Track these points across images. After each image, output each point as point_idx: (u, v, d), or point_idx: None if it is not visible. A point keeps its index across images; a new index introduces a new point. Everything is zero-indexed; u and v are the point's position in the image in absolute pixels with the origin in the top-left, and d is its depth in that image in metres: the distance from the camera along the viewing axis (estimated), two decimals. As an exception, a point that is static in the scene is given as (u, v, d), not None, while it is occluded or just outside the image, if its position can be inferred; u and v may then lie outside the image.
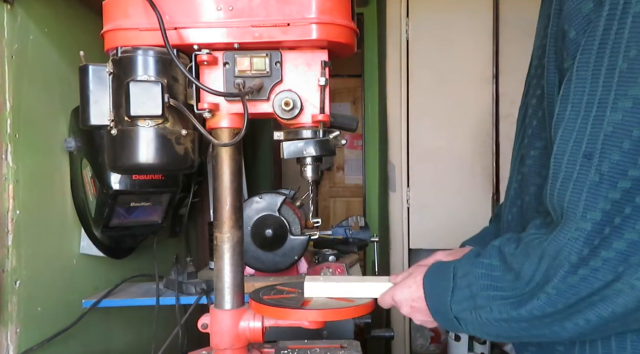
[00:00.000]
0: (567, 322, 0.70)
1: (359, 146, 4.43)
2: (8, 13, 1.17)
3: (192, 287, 1.49)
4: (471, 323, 0.78)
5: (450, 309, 0.80)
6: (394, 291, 0.89)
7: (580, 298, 0.68)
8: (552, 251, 0.69)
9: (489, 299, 0.75)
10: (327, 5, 0.82)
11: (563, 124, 0.69)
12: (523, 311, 0.72)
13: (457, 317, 0.79)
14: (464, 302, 0.78)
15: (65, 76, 1.38)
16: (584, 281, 0.67)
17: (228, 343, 0.92)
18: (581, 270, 0.67)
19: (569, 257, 0.67)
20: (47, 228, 1.33)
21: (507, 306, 0.73)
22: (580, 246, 0.66)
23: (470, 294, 0.78)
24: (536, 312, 0.71)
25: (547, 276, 0.69)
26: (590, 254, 0.66)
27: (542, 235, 0.73)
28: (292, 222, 1.52)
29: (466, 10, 2.73)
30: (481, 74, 2.74)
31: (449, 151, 2.75)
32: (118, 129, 0.82)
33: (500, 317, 0.74)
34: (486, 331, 0.78)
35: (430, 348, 2.80)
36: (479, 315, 0.76)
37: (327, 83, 0.84)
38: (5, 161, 1.16)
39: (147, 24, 0.81)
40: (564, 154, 0.69)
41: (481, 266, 0.78)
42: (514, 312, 0.73)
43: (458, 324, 0.80)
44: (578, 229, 0.66)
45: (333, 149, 0.89)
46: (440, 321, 0.83)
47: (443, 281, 0.82)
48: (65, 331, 1.32)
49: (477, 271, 0.78)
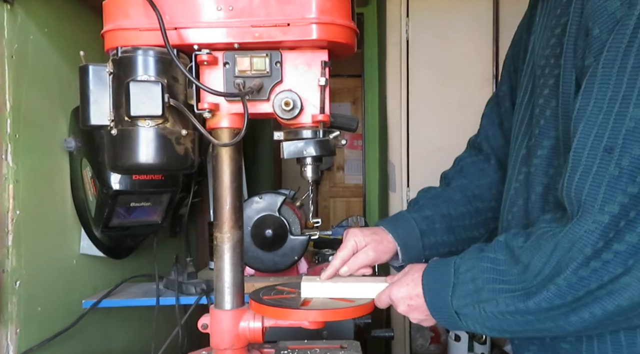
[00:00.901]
0: (572, 315, 0.71)
1: (359, 146, 4.43)
2: (8, 13, 1.17)
3: (192, 287, 1.49)
4: (473, 318, 0.78)
5: (451, 305, 0.79)
6: (391, 289, 0.89)
7: (589, 290, 0.68)
8: (567, 243, 0.69)
9: (494, 292, 0.75)
10: (327, 5, 0.82)
11: (584, 119, 0.70)
12: (531, 303, 0.72)
13: (458, 312, 0.79)
14: (467, 297, 0.78)
15: (65, 76, 1.38)
16: (594, 273, 0.67)
17: (228, 343, 0.92)
18: (593, 262, 0.67)
19: (583, 249, 0.67)
20: (47, 228, 1.33)
21: (514, 299, 0.73)
22: (596, 238, 0.66)
23: (474, 288, 0.77)
24: (544, 304, 0.71)
25: (558, 268, 0.69)
26: (604, 247, 0.66)
27: (554, 228, 0.73)
28: (292, 222, 1.52)
29: (466, 10, 2.73)
30: (481, 74, 2.74)
31: (449, 151, 2.73)
32: (118, 129, 0.82)
33: (506, 310, 0.74)
34: (489, 326, 0.78)
35: (430, 348, 2.80)
36: (482, 309, 0.76)
37: (327, 83, 0.84)
38: (5, 161, 1.16)
39: (147, 24, 0.81)
40: (585, 147, 0.69)
41: (486, 260, 0.78)
42: (521, 304, 0.73)
43: (458, 319, 0.80)
44: (595, 221, 0.67)
45: (333, 149, 0.89)
46: (439, 317, 0.83)
47: (443, 276, 0.82)
48: (65, 331, 1.32)
49: (481, 265, 0.78)
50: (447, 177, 1.15)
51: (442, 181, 1.16)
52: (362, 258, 0.98)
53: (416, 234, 1.03)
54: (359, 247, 0.99)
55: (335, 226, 2.09)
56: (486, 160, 1.12)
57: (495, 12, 2.70)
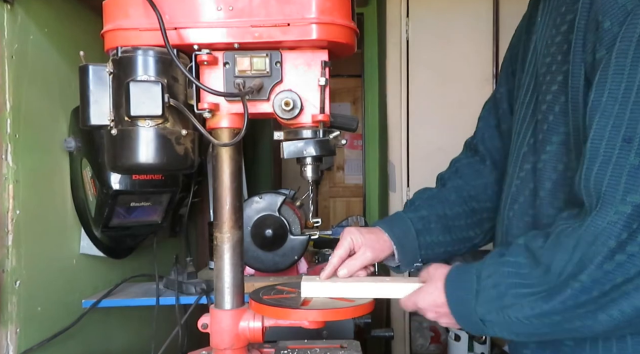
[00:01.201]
0: (600, 313, 0.69)
1: (359, 146, 4.43)
2: (8, 13, 1.17)
3: (192, 287, 1.49)
4: (499, 324, 0.77)
5: (475, 312, 0.79)
6: (417, 297, 0.88)
7: (615, 285, 0.67)
8: (589, 237, 0.68)
9: (518, 296, 0.74)
10: (327, 5, 0.82)
11: (599, 110, 0.70)
12: (556, 302, 0.71)
13: (483, 319, 0.78)
14: (490, 303, 0.77)
15: (65, 76, 1.38)
16: (620, 267, 0.66)
17: (228, 343, 0.92)
18: (618, 256, 0.66)
19: (607, 242, 0.66)
20: (47, 228, 1.33)
21: (538, 301, 0.72)
22: (619, 229, 0.66)
23: (497, 295, 0.76)
24: (570, 302, 0.70)
25: (581, 264, 0.68)
26: (628, 239, 0.65)
27: (574, 223, 0.72)
28: (292, 222, 1.52)
29: (466, 10, 2.73)
30: (481, 74, 2.74)
31: (449, 151, 2.73)
32: (118, 129, 0.82)
33: (532, 313, 0.73)
34: (515, 331, 0.77)
35: (430, 348, 2.80)
36: (507, 315, 0.75)
37: (327, 83, 0.84)
38: (5, 161, 1.16)
39: (147, 24, 0.81)
40: (602, 139, 0.69)
41: (507, 264, 0.77)
42: (546, 305, 0.71)
43: (484, 326, 0.79)
44: (617, 212, 0.66)
45: (333, 149, 0.89)
46: (464, 324, 0.82)
47: (465, 284, 0.81)
48: (65, 331, 1.32)
49: (503, 270, 0.77)
50: (442, 178, 1.16)
51: (438, 182, 1.17)
52: (360, 260, 0.98)
53: (412, 233, 1.03)
54: (355, 245, 0.99)
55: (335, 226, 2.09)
56: (482, 161, 1.13)
57: (495, 12, 2.70)
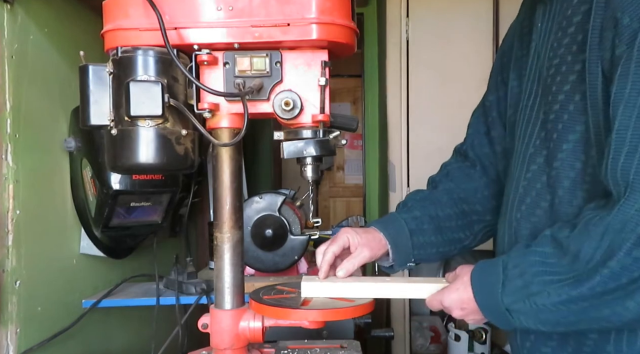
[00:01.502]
0: (629, 300, 0.70)
1: (359, 146, 4.43)
2: (8, 13, 1.17)
3: (192, 287, 1.49)
4: (525, 313, 0.78)
5: (502, 302, 0.80)
6: (442, 296, 0.89)
7: None
8: (618, 224, 0.69)
9: (544, 284, 0.75)
10: (327, 5, 0.82)
11: (623, 102, 0.72)
12: (584, 289, 0.71)
13: (509, 309, 0.79)
14: (516, 292, 0.78)
15: (65, 76, 1.38)
16: None
17: (228, 343, 0.92)
18: None
19: (635, 229, 0.67)
20: (47, 228, 1.33)
21: (565, 287, 0.73)
22: None
23: (523, 283, 0.77)
24: (598, 289, 0.70)
25: (610, 251, 0.69)
26: None
27: (601, 212, 0.73)
28: (292, 222, 1.52)
29: (466, 10, 2.73)
30: (481, 74, 2.72)
31: (449, 151, 2.73)
32: (118, 129, 0.82)
33: (558, 300, 0.74)
34: (542, 319, 0.77)
35: (430, 348, 2.80)
36: (534, 302, 0.76)
37: (327, 83, 0.84)
38: (5, 161, 1.16)
39: (147, 24, 0.81)
40: (627, 128, 0.71)
41: (534, 254, 0.78)
42: (574, 292, 0.72)
43: (510, 317, 0.80)
44: None
45: (333, 149, 0.89)
46: (491, 316, 0.83)
47: (492, 276, 0.82)
48: (65, 331, 1.32)
49: (529, 259, 0.78)
50: (434, 181, 1.18)
51: (429, 185, 1.19)
52: (358, 259, 0.99)
53: (406, 233, 1.04)
54: (352, 245, 1.01)
55: (335, 226, 2.10)
56: (472, 166, 1.15)
57: (495, 12, 2.70)
